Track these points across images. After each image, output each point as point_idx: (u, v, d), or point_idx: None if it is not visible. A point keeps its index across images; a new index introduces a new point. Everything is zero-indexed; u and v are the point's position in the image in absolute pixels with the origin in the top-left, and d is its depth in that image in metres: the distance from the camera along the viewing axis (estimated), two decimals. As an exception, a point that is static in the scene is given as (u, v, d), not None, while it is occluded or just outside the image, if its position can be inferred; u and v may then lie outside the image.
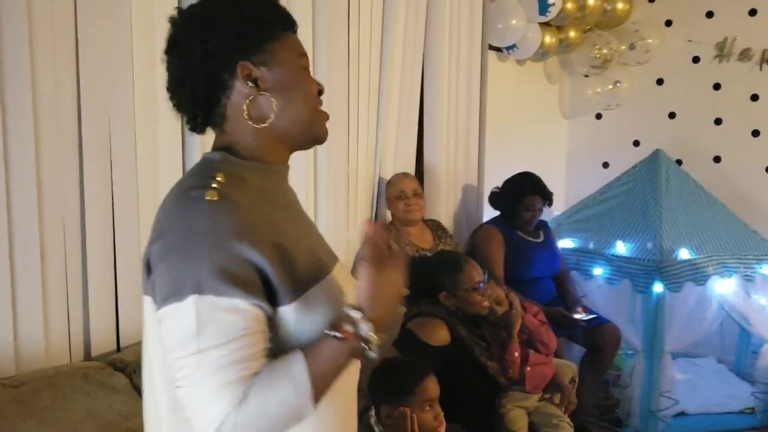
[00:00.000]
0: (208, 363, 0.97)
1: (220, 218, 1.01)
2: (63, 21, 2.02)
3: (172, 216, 1.05)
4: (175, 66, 1.13)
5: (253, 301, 1.00)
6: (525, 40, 4.11)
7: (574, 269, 3.78)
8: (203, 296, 0.97)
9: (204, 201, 1.02)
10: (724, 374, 4.13)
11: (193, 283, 0.98)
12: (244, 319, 0.99)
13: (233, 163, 1.11)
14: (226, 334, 0.98)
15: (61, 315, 2.08)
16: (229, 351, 0.98)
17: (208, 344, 0.97)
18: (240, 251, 1.00)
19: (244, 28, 1.10)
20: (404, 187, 3.26)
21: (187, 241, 1.00)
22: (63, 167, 2.06)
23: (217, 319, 0.98)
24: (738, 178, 4.41)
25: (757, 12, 4.28)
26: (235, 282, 0.98)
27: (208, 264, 0.98)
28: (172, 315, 0.99)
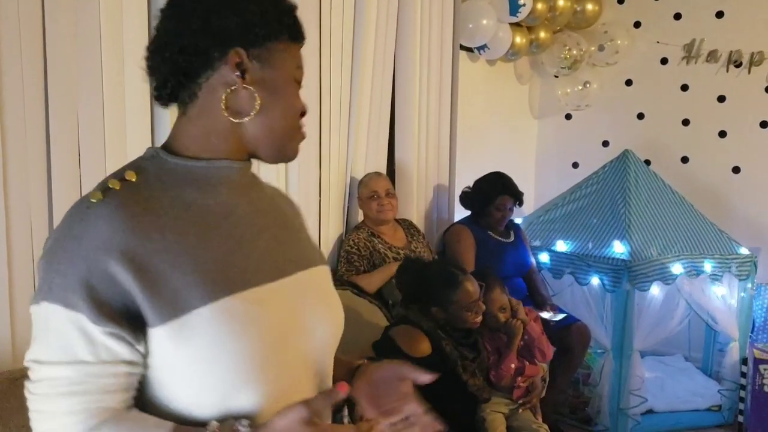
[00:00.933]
0: (51, 378, 0.91)
1: (91, 222, 0.92)
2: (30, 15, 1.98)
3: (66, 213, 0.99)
4: (166, 27, 1.03)
5: (105, 327, 0.90)
6: (496, 40, 4.12)
7: (544, 268, 3.80)
8: (52, 305, 0.90)
9: (86, 201, 0.96)
10: (691, 372, 4.19)
11: (47, 288, 0.91)
12: (92, 343, 0.90)
13: (159, 161, 1.03)
14: (72, 353, 0.90)
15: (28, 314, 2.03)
16: (77, 376, 0.90)
17: (53, 358, 0.91)
18: (102, 264, 0.90)
19: (254, 17, 1.02)
20: (377, 187, 3.25)
21: (55, 243, 0.94)
22: (30, 164, 2.03)
23: (63, 332, 0.90)
24: (705, 179, 4.47)
25: (724, 14, 4.34)
26: (88, 297, 0.89)
27: (63, 271, 0.90)
28: (32, 315, 0.95)
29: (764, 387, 3.40)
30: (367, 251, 3.15)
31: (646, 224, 3.66)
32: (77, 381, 0.90)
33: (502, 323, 2.64)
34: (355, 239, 3.18)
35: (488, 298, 2.62)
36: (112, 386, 0.92)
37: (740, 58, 4.28)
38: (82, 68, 2.13)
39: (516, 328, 2.64)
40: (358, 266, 3.11)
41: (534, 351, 2.71)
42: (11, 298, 2.00)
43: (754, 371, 3.43)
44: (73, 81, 2.10)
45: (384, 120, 3.53)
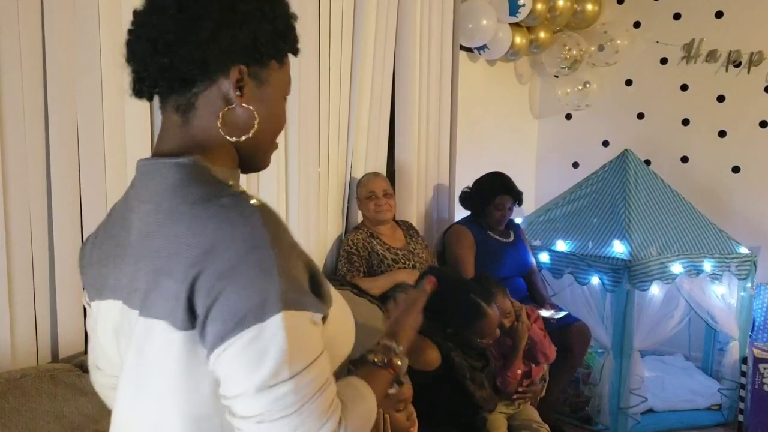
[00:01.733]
0: (304, 388, 0.87)
1: (273, 224, 0.90)
2: (29, 16, 1.99)
3: (214, 228, 0.88)
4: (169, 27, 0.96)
5: (322, 312, 0.93)
6: (496, 40, 4.13)
7: (544, 268, 3.81)
8: (289, 312, 0.86)
9: (249, 207, 0.90)
10: (691, 371, 4.20)
11: (275, 297, 0.86)
12: (318, 333, 0.92)
13: (216, 169, 0.99)
14: (311, 352, 0.89)
15: (27, 315, 2.05)
16: (318, 372, 0.89)
17: (300, 367, 0.87)
18: (302, 261, 0.93)
19: (264, 36, 0.99)
20: (374, 188, 3.26)
21: (253, 252, 0.87)
22: (29, 165, 2.02)
23: (302, 336, 0.88)
24: (705, 178, 4.48)
25: (723, 14, 4.35)
26: (309, 292, 0.92)
27: (284, 274, 0.87)
28: (252, 341, 0.85)
29: (764, 386, 3.41)
30: (365, 252, 3.16)
31: (646, 224, 3.67)
32: (322, 374, 0.90)
33: (507, 329, 2.62)
34: (354, 239, 3.19)
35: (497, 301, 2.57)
36: None
37: (739, 58, 4.29)
38: (81, 69, 2.13)
39: (521, 333, 2.63)
40: (358, 267, 3.12)
41: (537, 354, 2.71)
42: (10, 299, 2.00)
43: (754, 370, 3.44)
44: (72, 82, 2.10)
45: (384, 120, 3.54)
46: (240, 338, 0.85)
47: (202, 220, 0.89)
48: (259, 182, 2.82)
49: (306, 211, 3.07)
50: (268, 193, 2.86)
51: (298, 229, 3.03)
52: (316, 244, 3.16)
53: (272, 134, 1.08)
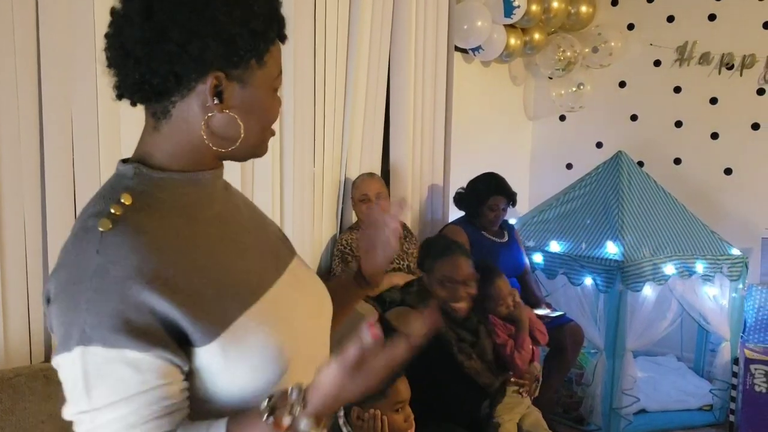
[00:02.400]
0: (103, 423, 0.87)
1: (112, 253, 0.87)
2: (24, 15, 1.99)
3: (66, 248, 0.92)
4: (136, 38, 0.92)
5: (149, 352, 0.86)
6: (490, 41, 4.14)
7: (537, 269, 3.82)
8: (90, 347, 0.85)
9: (95, 232, 0.89)
10: (683, 372, 4.21)
11: (79, 331, 0.85)
12: (139, 371, 0.86)
13: (146, 178, 0.97)
14: (118, 391, 0.86)
15: (21, 315, 2.05)
16: (129, 410, 0.86)
17: (100, 403, 0.86)
18: (134, 294, 0.86)
19: (240, 39, 0.94)
20: (367, 190, 3.27)
21: (74, 283, 0.87)
22: (23, 163, 2.02)
23: (107, 373, 0.86)
24: (697, 180, 4.50)
25: (716, 17, 4.37)
26: (126, 331, 0.85)
27: (95, 310, 0.85)
28: (62, 366, 0.89)
29: (755, 387, 3.42)
30: (359, 252, 3.16)
31: (639, 225, 3.68)
32: (132, 414, 0.87)
33: (512, 309, 2.71)
34: (348, 239, 3.19)
35: (496, 286, 2.70)
36: (167, 408, 0.89)
37: (732, 60, 4.31)
38: (76, 69, 2.13)
39: (521, 310, 2.73)
40: (352, 267, 3.13)
41: (535, 333, 2.78)
42: (3, 301, 2.00)
43: (745, 371, 3.45)
44: (67, 82, 2.10)
45: (379, 121, 3.54)
46: (56, 361, 0.90)
47: (69, 237, 0.93)
48: (254, 182, 2.82)
49: (300, 211, 3.07)
50: (262, 193, 2.86)
51: (292, 228, 3.03)
52: (310, 243, 3.17)
53: (262, 130, 1.04)
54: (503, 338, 2.65)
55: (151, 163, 0.98)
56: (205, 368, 0.93)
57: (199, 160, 1.01)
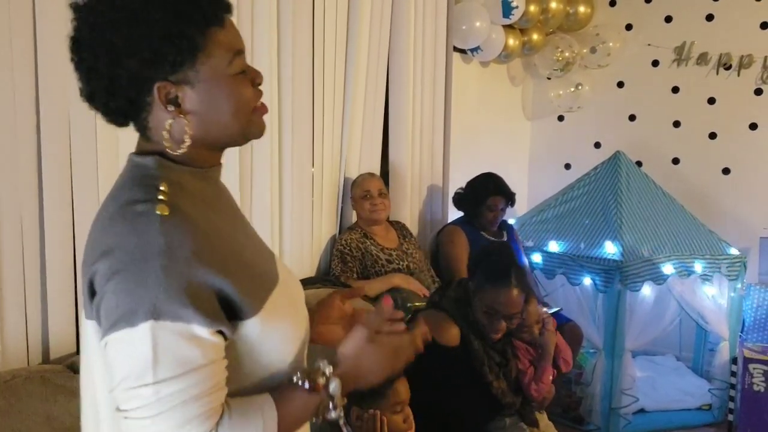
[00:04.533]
0: (166, 396, 0.90)
1: (174, 235, 0.93)
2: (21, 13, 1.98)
3: (118, 232, 0.94)
4: (82, 77, 0.99)
5: (212, 327, 0.93)
6: (489, 42, 4.14)
7: (536, 269, 3.82)
8: (159, 322, 0.90)
9: (155, 215, 0.93)
10: (682, 371, 4.22)
11: (148, 306, 0.89)
12: (202, 346, 0.93)
13: (171, 169, 1.01)
14: (184, 364, 0.91)
15: (18, 316, 2.04)
16: (190, 384, 0.91)
17: (166, 375, 0.90)
18: (197, 274, 0.93)
19: (161, 48, 0.94)
20: (370, 187, 3.27)
21: (140, 261, 0.91)
22: (21, 164, 2.02)
23: (174, 347, 0.91)
24: (696, 180, 4.51)
25: (714, 17, 4.37)
26: (194, 306, 0.91)
27: (164, 286, 0.90)
28: (122, 342, 0.91)
29: (754, 386, 3.43)
30: (359, 252, 3.16)
31: (638, 225, 3.69)
32: (194, 386, 0.92)
33: (537, 336, 2.57)
34: (348, 240, 3.19)
35: (527, 310, 2.48)
36: (221, 382, 0.96)
37: (730, 60, 4.32)
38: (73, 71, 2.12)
39: (549, 338, 2.57)
40: (351, 267, 3.13)
41: (559, 361, 2.66)
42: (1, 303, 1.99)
43: (744, 370, 3.46)
44: (64, 81, 2.09)
45: (378, 121, 3.54)
46: (114, 337, 0.92)
47: (114, 223, 0.96)
48: (252, 182, 2.82)
49: (300, 211, 3.07)
50: (261, 193, 2.86)
51: (291, 229, 3.03)
52: (309, 244, 3.17)
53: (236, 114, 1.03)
54: (524, 364, 2.53)
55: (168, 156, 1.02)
56: (245, 339, 1.00)
57: (199, 158, 1.05)
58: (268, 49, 2.78)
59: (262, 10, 2.73)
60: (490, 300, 2.32)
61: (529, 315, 2.51)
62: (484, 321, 2.35)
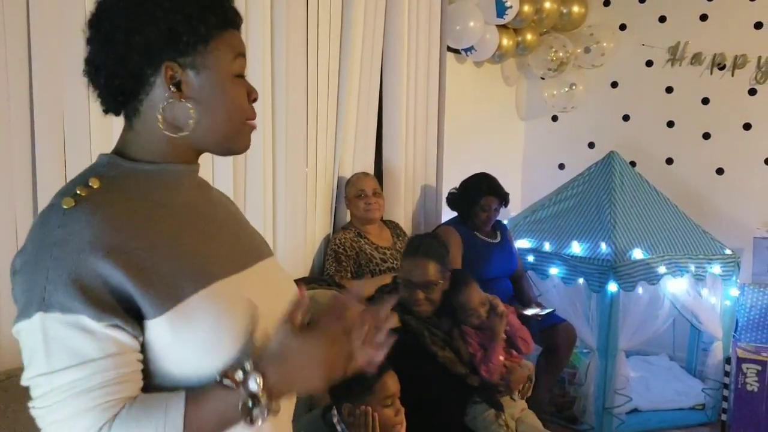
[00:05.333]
0: (60, 387, 0.90)
1: (72, 227, 0.93)
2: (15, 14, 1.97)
3: (32, 226, 0.98)
4: (94, 49, 1.03)
5: (104, 321, 0.91)
6: (483, 42, 4.14)
7: (530, 269, 3.83)
8: (48, 313, 0.90)
9: (59, 208, 0.96)
10: (676, 371, 4.23)
11: (39, 298, 0.91)
12: (96, 339, 0.91)
13: (116, 167, 1.04)
14: (77, 355, 0.90)
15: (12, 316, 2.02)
16: (83, 375, 0.90)
17: (59, 365, 0.90)
18: (89, 264, 0.91)
19: (179, 25, 0.99)
20: (364, 186, 3.27)
21: (36, 253, 0.93)
22: (14, 162, 2.01)
23: (65, 338, 0.90)
24: (689, 180, 4.52)
25: (708, 17, 4.38)
26: (83, 298, 0.90)
27: (54, 278, 0.90)
28: (21, 333, 0.94)
29: (747, 386, 3.44)
30: (353, 252, 3.16)
31: (632, 225, 3.70)
32: (87, 378, 0.91)
33: (485, 318, 2.61)
34: (342, 239, 3.19)
35: (467, 294, 2.61)
36: (123, 377, 0.94)
37: (724, 60, 4.33)
38: (67, 70, 2.12)
39: (497, 319, 2.61)
40: (346, 266, 3.12)
41: (517, 341, 2.70)
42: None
43: (737, 370, 3.47)
44: (58, 83, 2.09)
45: (372, 121, 3.54)
46: (16, 329, 0.95)
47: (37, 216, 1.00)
48: (246, 182, 2.82)
49: (293, 211, 3.07)
50: (255, 192, 2.85)
51: (285, 229, 3.03)
52: (303, 243, 3.16)
53: (230, 119, 1.06)
54: (474, 347, 2.58)
55: (125, 155, 1.06)
56: (154, 342, 0.97)
57: (172, 153, 1.07)
58: (262, 49, 2.78)
59: (255, 9, 2.73)
60: (404, 272, 2.54)
61: (471, 299, 2.61)
62: (405, 294, 2.51)
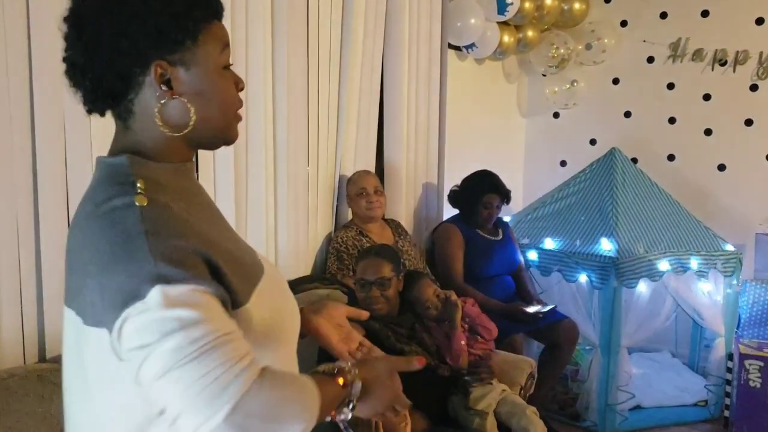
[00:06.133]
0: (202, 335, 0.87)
1: (156, 222, 0.93)
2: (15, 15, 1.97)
3: (99, 227, 0.94)
4: (76, 50, 1.00)
5: (211, 287, 0.92)
6: (484, 39, 4.14)
7: (532, 266, 3.82)
8: (167, 286, 0.88)
9: (134, 206, 0.94)
10: (678, 368, 4.22)
11: (150, 277, 0.88)
12: (216, 303, 0.92)
13: (145, 166, 1.01)
14: (209, 311, 0.90)
15: (14, 314, 2.03)
16: (220, 326, 0.90)
17: (195, 319, 0.88)
18: (182, 243, 0.92)
19: (166, 24, 0.98)
20: (366, 185, 3.26)
21: (124, 244, 0.90)
22: (16, 162, 2.01)
23: (188, 299, 0.89)
24: (691, 176, 4.51)
25: (709, 13, 4.38)
26: (192, 269, 0.90)
27: (158, 256, 0.89)
28: (136, 314, 0.88)
29: (750, 382, 3.44)
30: (355, 250, 3.16)
31: (633, 222, 3.69)
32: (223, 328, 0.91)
33: (441, 309, 2.75)
34: (344, 237, 3.19)
35: (420, 288, 2.76)
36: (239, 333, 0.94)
37: (725, 56, 4.32)
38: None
39: (451, 307, 2.74)
40: (348, 265, 3.12)
41: (478, 329, 2.81)
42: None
43: (740, 366, 3.47)
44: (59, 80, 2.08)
45: (373, 118, 3.54)
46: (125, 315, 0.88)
47: (91, 222, 0.96)
48: (248, 181, 2.82)
49: (295, 210, 3.07)
50: (256, 191, 2.85)
51: (287, 227, 3.03)
52: (305, 242, 3.16)
53: (222, 112, 1.06)
54: (439, 339, 2.71)
55: (141, 154, 1.03)
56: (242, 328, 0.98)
57: (176, 152, 1.06)
58: (263, 46, 2.78)
59: (256, 8, 2.73)
60: (359, 273, 2.69)
61: (424, 292, 2.76)
62: (362, 295, 2.66)
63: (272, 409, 0.90)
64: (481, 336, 2.81)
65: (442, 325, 2.75)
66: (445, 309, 2.74)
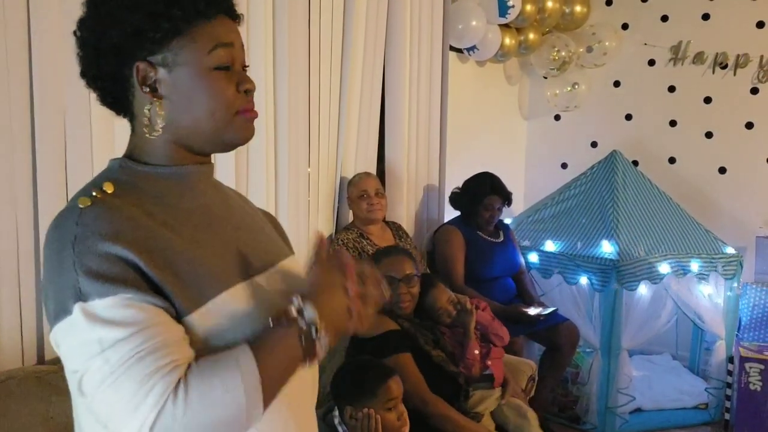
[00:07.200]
0: (118, 360, 0.88)
1: (88, 222, 0.93)
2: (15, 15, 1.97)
3: (48, 232, 0.97)
4: (78, 53, 1.03)
5: (143, 295, 0.91)
6: (485, 41, 4.14)
7: (533, 268, 3.82)
8: (88, 302, 0.89)
9: (75, 208, 0.95)
10: (678, 371, 4.21)
11: (73, 293, 0.89)
12: (140, 310, 0.90)
13: (129, 170, 1.03)
14: (126, 328, 0.89)
15: (12, 316, 2.03)
16: (139, 341, 0.88)
17: (110, 341, 0.88)
18: (108, 250, 0.91)
19: (143, 23, 0.96)
20: (367, 187, 3.26)
21: (58, 254, 0.92)
22: (15, 163, 2.01)
23: (110, 318, 0.89)
24: (692, 179, 4.51)
25: (710, 16, 4.38)
26: (117, 280, 0.90)
27: (81, 269, 0.90)
28: (62, 331, 0.92)
29: (750, 385, 3.43)
30: (355, 252, 3.16)
31: (634, 224, 3.69)
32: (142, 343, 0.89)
33: (455, 316, 2.71)
34: (344, 239, 3.19)
35: (435, 294, 2.72)
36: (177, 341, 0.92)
37: (726, 59, 4.32)
38: (68, 72, 2.12)
39: (466, 315, 2.71)
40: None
41: (490, 336, 2.79)
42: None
43: (740, 369, 3.46)
44: (59, 85, 2.09)
45: (374, 120, 3.54)
46: (57, 329, 0.93)
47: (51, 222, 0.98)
48: (248, 182, 2.82)
49: (296, 212, 3.07)
50: (257, 192, 2.85)
51: (288, 229, 3.01)
52: (306, 244, 3.16)
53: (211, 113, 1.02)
54: (452, 345, 2.67)
55: (136, 159, 1.05)
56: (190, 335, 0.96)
57: (176, 155, 1.05)
58: (264, 48, 2.78)
59: (257, 9, 2.73)
60: (384, 270, 2.50)
61: (439, 299, 2.71)
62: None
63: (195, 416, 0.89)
64: (493, 343, 2.78)
65: (455, 331, 2.72)
66: (459, 316, 2.71)
